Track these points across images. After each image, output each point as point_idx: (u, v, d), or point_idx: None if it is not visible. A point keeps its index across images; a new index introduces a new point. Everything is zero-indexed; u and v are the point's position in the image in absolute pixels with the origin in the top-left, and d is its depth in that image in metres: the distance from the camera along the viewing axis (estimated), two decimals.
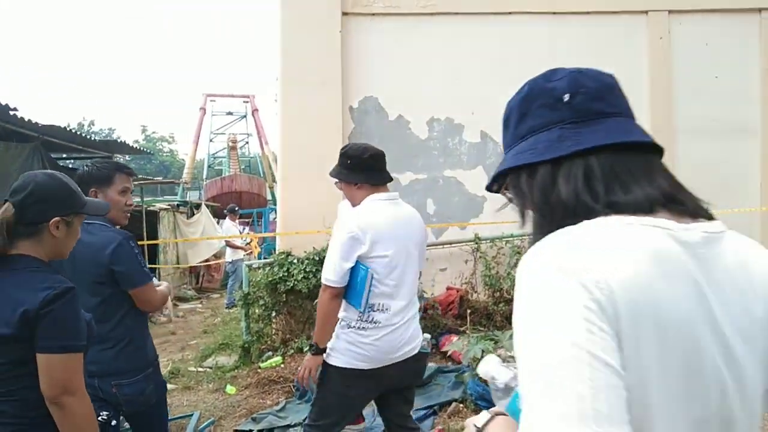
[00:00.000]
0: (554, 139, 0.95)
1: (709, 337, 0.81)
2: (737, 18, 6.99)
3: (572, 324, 0.73)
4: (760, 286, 0.89)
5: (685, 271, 0.82)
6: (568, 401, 0.69)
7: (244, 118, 32.58)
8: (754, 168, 6.90)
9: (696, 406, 0.80)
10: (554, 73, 1.00)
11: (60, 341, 1.77)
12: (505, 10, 6.94)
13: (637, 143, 0.94)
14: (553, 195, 0.93)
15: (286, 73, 6.85)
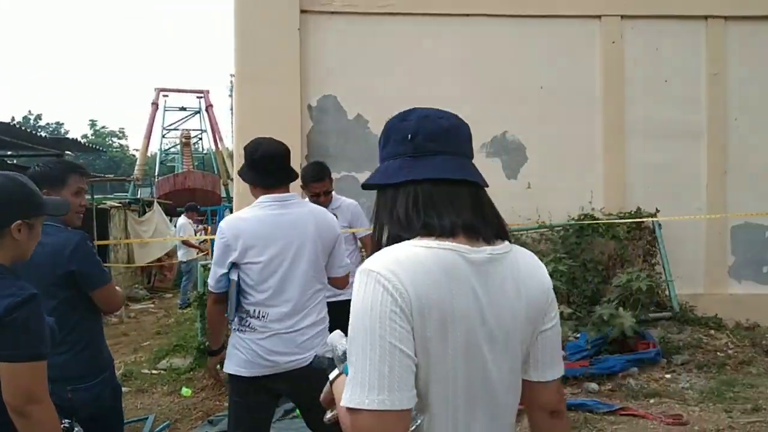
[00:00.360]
0: (397, 167, 1.23)
1: (479, 329, 1.14)
2: (686, 24, 7.21)
3: (380, 321, 1.07)
4: (523, 289, 1.21)
5: (467, 282, 1.13)
6: (372, 373, 1.05)
7: (197, 114, 31.95)
8: (700, 169, 7.14)
9: (468, 374, 1.14)
10: (408, 114, 1.28)
11: (25, 349, 1.72)
12: (464, 11, 6.99)
13: (454, 179, 1.21)
14: (394, 212, 1.21)
15: (242, 70, 6.75)
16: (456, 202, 1.19)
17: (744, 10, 7.15)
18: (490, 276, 1.16)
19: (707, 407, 4.43)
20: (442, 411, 1.14)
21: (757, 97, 7.13)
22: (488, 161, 7.07)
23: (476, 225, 1.19)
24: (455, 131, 1.27)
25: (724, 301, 6.91)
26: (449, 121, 1.27)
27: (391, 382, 1.05)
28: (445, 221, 1.16)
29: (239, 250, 2.58)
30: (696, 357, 5.51)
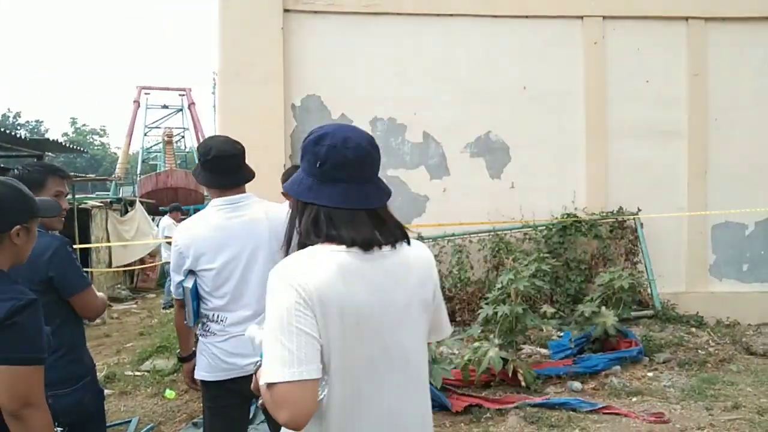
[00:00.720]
0: (307, 187, 1.46)
1: (375, 309, 1.40)
2: (666, 25, 7.28)
3: (287, 311, 1.32)
4: (412, 275, 1.49)
5: (361, 276, 1.39)
6: (284, 352, 1.28)
7: (180, 112, 31.73)
8: (681, 168, 7.22)
9: (366, 349, 1.39)
10: (322, 139, 1.45)
11: (23, 353, 1.73)
12: (447, 11, 7.00)
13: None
14: (301, 222, 1.47)
15: (225, 69, 6.71)
16: (355, 221, 1.43)
17: (724, 11, 7.24)
18: (381, 269, 1.43)
19: (689, 405, 4.47)
20: (343, 380, 1.38)
21: (737, 98, 7.22)
22: (472, 161, 7.11)
23: (373, 239, 1.42)
24: (360, 161, 1.45)
25: (705, 299, 7.00)
26: (355, 152, 1.44)
27: (300, 358, 1.28)
28: (343, 233, 1.41)
29: (191, 258, 2.55)
30: (677, 355, 5.56)
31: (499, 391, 4.81)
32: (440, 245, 6.88)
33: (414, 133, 7.05)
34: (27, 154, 6.06)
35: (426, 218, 6.98)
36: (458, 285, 6.63)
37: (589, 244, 6.89)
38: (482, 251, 6.85)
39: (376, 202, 1.47)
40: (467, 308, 6.52)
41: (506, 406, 4.44)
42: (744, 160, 7.21)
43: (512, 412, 4.35)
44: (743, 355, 5.71)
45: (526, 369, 4.85)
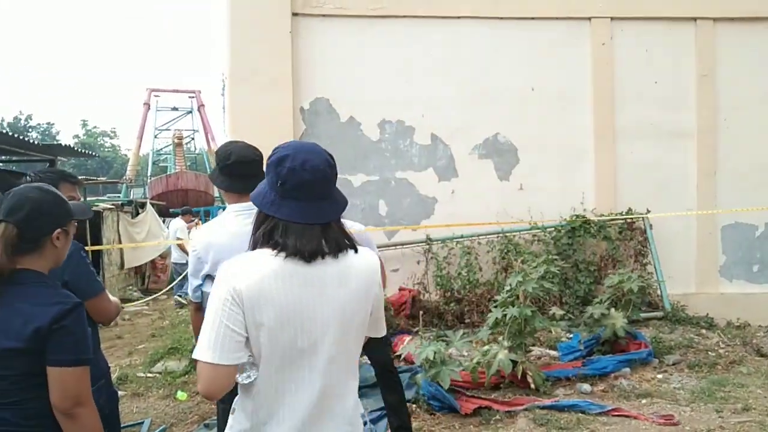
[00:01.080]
0: (269, 201, 1.64)
1: (306, 310, 1.58)
2: (675, 26, 7.26)
3: (220, 308, 1.54)
4: (352, 281, 1.66)
5: (293, 279, 1.57)
6: (209, 338, 1.53)
7: (189, 114, 31.89)
8: (690, 169, 7.20)
9: (293, 343, 1.58)
10: (283, 161, 1.62)
11: (72, 355, 1.82)
12: (453, 14, 7.02)
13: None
14: (259, 230, 1.66)
15: (234, 73, 6.77)
16: (306, 233, 1.61)
17: (733, 11, 7.22)
18: (321, 273, 1.61)
19: (698, 407, 4.47)
20: (270, 368, 1.60)
21: (746, 98, 7.20)
22: (480, 163, 7.13)
23: (317, 250, 1.61)
24: (316, 183, 1.63)
25: (716, 300, 6.98)
26: (312, 174, 1.62)
27: (218, 346, 1.52)
28: (290, 244, 1.59)
29: (210, 263, 2.58)
30: (687, 357, 5.56)
31: (508, 393, 4.82)
32: (449, 247, 6.89)
33: (422, 135, 7.07)
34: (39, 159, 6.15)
35: (434, 220, 7.00)
36: (467, 287, 6.65)
37: (598, 245, 6.88)
38: (491, 253, 6.86)
39: (329, 216, 1.67)
40: (476, 310, 6.54)
41: (515, 408, 4.46)
42: (754, 159, 7.19)
43: (521, 414, 4.37)
44: (753, 357, 5.70)
45: (536, 371, 4.87)
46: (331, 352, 1.64)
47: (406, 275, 6.83)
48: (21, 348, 1.77)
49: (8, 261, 1.84)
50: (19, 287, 1.84)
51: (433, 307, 6.63)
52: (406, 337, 5.84)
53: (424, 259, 6.87)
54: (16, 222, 1.86)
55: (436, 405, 4.55)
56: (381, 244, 6.86)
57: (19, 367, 1.79)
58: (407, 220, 7.03)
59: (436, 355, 4.50)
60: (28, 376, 1.81)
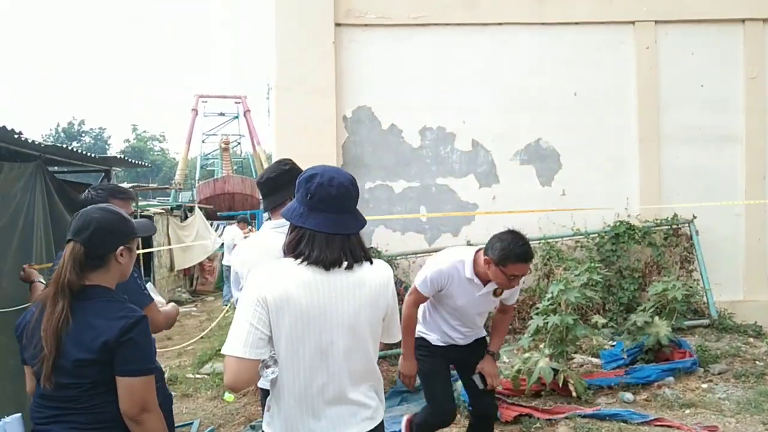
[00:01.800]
0: (299, 213, 1.85)
1: (324, 314, 1.78)
2: (722, 28, 7.13)
3: (248, 308, 1.75)
4: (365, 290, 1.85)
5: (314, 286, 1.77)
6: (238, 335, 1.73)
7: (236, 119, 32.55)
8: (738, 174, 7.05)
9: (312, 343, 1.77)
10: (312, 178, 1.84)
11: (138, 365, 1.98)
12: (495, 21, 7.05)
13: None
14: (291, 240, 1.86)
15: (280, 82, 6.95)
16: (330, 244, 1.81)
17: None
18: (338, 282, 1.80)
19: (744, 419, 4.41)
20: (291, 366, 1.78)
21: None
22: (522, 168, 7.13)
23: (338, 259, 1.81)
24: (341, 197, 1.84)
25: (765, 308, 6.81)
26: (338, 189, 1.83)
27: (246, 342, 1.71)
28: (314, 253, 1.79)
29: (246, 279, 2.72)
30: (734, 366, 5.46)
31: (549, 401, 4.84)
32: None
33: (463, 142, 7.12)
34: (94, 170, 6.49)
35: (475, 226, 7.03)
36: None
37: (643, 252, 6.80)
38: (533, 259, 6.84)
39: (351, 228, 1.87)
40: (518, 317, 6.54)
41: (556, 417, 4.48)
42: None
43: (562, 423, 4.39)
44: None
45: (577, 379, 4.87)
46: (346, 354, 1.82)
47: None
48: (92, 359, 1.93)
49: (77, 277, 2.00)
50: (89, 302, 2.00)
51: None
52: None
53: None
54: (83, 241, 2.03)
55: None
56: (422, 250, 6.95)
57: (90, 375, 1.95)
58: (447, 226, 7.08)
59: None
60: (99, 384, 1.96)
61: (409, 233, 7.06)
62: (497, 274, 3.01)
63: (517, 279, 3.07)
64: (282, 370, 1.79)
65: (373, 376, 1.96)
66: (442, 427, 3.51)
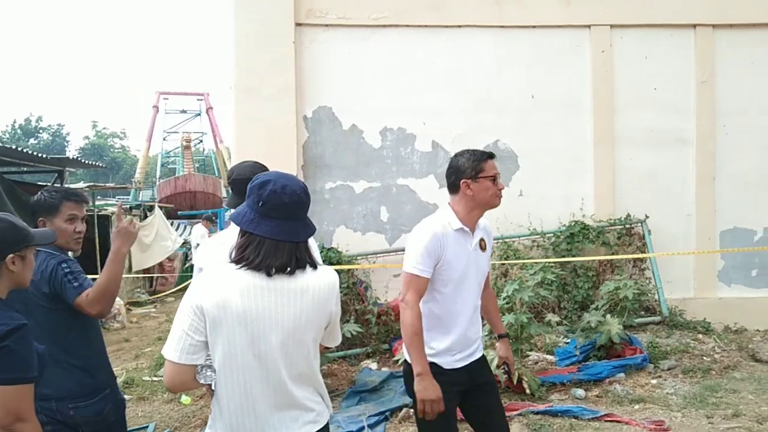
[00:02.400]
0: (250, 218, 1.85)
1: (263, 320, 1.79)
2: (674, 33, 7.33)
3: (186, 314, 1.78)
4: (308, 296, 1.86)
5: (254, 292, 1.79)
6: (173, 343, 1.77)
7: (198, 116, 32.13)
8: (689, 175, 7.27)
9: (249, 348, 1.78)
10: (265, 184, 1.85)
11: (12, 373, 1.92)
12: (456, 23, 7.13)
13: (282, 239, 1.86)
14: (239, 245, 1.87)
15: (240, 82, 6.90)
16: (279, 250, 1.83)
17: (731, 18, 7.27)
18: (281, 288, 1.82)
19: (689, 413, 4.56)
20: (228, 372, 1.80)
21: (745, 103, 7.26)
22: None
23: (286, 265, 1.83)
24: (293, 205, 1.86)
25: (713, 305, 7.05)
26: (290, 197, 1.85)
27: (178, 348, 1.76)
28: (258, 259, 1.81)
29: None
30: (683, 362, 5.64)
31: (504, 399, 4.92)
32: None
33: (423, 143, 7.18)
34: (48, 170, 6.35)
35: None
36: None
37: (597, 251, 6.97)
38: (491, 258, 6.94)
39: (301, 236, 1.89)
40: None
41: (510, 414, 4.55)
42: (753, 165, 7.25)
43: (515, 420, 4.47)
44: (748, 362, 5.77)
45: (531, 377, 4.97)
46: (287, 359, 1.84)
47: None
48: None
49: None
50: None
51: None
52: None
53: None
54: None
55: None
56: (382, 250, 6.99)
57: None
58: (408, 226, 7.13)
59: None
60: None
61: (369, 233, 7.10)
62: (482, 186, 2.73)
63: (499, 181, 2.77)
64: (221, 376, 1.81)
65: (315, 381, 1.97)
66: None
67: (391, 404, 4.86)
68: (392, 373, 5.52)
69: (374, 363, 6.02)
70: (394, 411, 4.77)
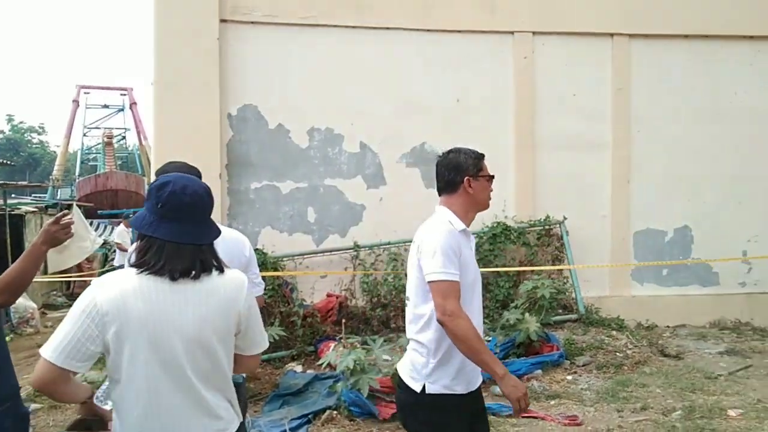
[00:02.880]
0: (149, 222, 1.77)
1: (164, 326, 1.70)
2: (593, 41, 7.62)
3: (77, 320, 1.67)
4: (213, 301, 1.79)
5: (154, 297, 1.71)
6: (54, 342, 1.65)
7: (121, 112, 30.98)
8: (605, 179, 7.58)
9: (150, 355, 1.70)
10: (165, 186, 1.77)
11: None
12: (384, 25, 7.16)
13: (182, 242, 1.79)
14: (139, 249, 1.79)
15: (161, 78, 6.70)
16: (181, 254, 1.76)
17: (647, 28, 7.63)
18: (184, 292, 1.75)
19: (601, 407, 4.76)
20: (131, 382, 1.72)
21: (658, 110, 7.63)
22: (408, 171, 7.30)
23: (190, 269, 1.76)
24: (194, 207, 1.79)
25: (627, 302, 7.39)
26: (191, 198, 1.78)
27: (58, 348, 1.64)
28: (159, 263, 1.73)
29: None
30: (597, 358, 5.88)
31: None
32: (376, 253, 7.04)
33: (351, 143, 7.19)
34: None
35: (363, 227, 7.12)
36: (393, 292, 6.80)
37: (518, 251, 7.17)
38: None
39: (203, 239, 1.82)
40: (401, 315, 6.68)
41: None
42: (664, 170, 7.63)
43: None
44: (657, 357, 6.07)
45: None
46: (193, 366, 1.76)
47: (334, 281, 6.93)
48: None
49: None
50: None
51: (360, 313, 6.75)
52: (332, 343, 5.93)
53: (352, 266, 6.99)
54: None
55: (356, 411, 4.67)
56: (309, 251, 6.95)
57: None
58: (335, 227, 7.13)
59: (356, 363, 4.62)
60: None
61: (296, 234, 7.04)
62: (482, 185, 2.61)
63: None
64: (123, 385, 1.73)
65: (225, 388, 1.90)
66: None
67: (315, 407, 4.83)
68: (317, 376, 5.49)
69: (299, 365, 5.97)
70: (317, 413, 4.74)
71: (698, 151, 7.63)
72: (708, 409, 4.62)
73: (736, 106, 7.70)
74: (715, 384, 5.28)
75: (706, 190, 7.65)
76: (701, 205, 7.63)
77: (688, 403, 4.76)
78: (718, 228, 7.58)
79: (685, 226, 7.68)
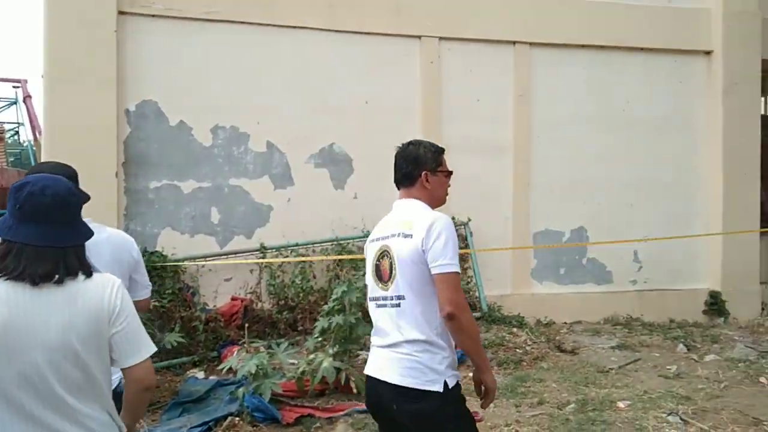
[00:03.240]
0: (8, 225, 1.70)
1: (25, 334, 1.62)
2: (496, 48, 7.85)
3: None
4: (77, 307, 1.71)
5: (17, 304, 1.63)
6: None
7: (14, 105, 28.93)
8: (507, 182, 7.84)
9: (15, 368, 1.60)
10: (23, 186, 1.71)
11: None
12: (291, 24, 7.07)
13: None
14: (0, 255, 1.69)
15: (52, 70, 6.31)
16: (41, 257, 1.68)
17: (547, 38, 7.95)
18: (51, 299, 1.67)
19: (501, 403, 4.90)
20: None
21: (557, 116, 7.96)
22: (316, 172, 7.24)
23: (52, 273, 1.68)
24: (55, 208, 1.71)
25: (527, 300, 7.67)
26: (52, 199, 1.71)
27: None
28: (19, 268, 1.65)
29: None
30: (498, 355, 6.07)
31: (332, 400, 4.97)
32: (284, 255, 6.94)
33: (257, 143, 7.05)
34: None
35: (270, 228, 7.00)
36: (300, 294, 6.73)
37: None
38: (325, 260, 7.01)
39: (66, 242, 1.74)
40: (309, 317, 6.61)
41: (336, 414, 4.61)
42: (563, 173, 7.97)
43: (341, 420, 4.53)
44: (555, 353, 6.34)
45: (358, 376, 5.04)
46: (60, 377, 1.67)
47: (239, 284, 6.77)
48: None
49: None
50: None
51: (266, 316, 6.62)
52: (236, 348, 5.79)
53: (258, 268, 6.85)
54: None
55: (259, 416, 4.57)
56: (213, 253, 6.76)
57: None
58: (241, 228, 6.97)
59: (259, 368, 4.53)
60: None
61: (198, 235, 6.82)
62: (439, 180, 2.59)
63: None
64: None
65: (101, 398, 1.80)
66: None
67: (216, 413, 4.69)
68: (219, 382, 5.35)
69: (201, 372, 5.79)
70: (218, 421, 4.61)
71: (594, 156, 8.02)
72: (599, 402, 4.87)
73: (629, 114, 8.17)
74: (607, 377, 5.57)
75: (601, 193, 8.07)
76: (596, 207, 8.04)
77: (581, 397, 4.99)
78: (612, 229, 8.01)
79: (581, 227, 8.07)
